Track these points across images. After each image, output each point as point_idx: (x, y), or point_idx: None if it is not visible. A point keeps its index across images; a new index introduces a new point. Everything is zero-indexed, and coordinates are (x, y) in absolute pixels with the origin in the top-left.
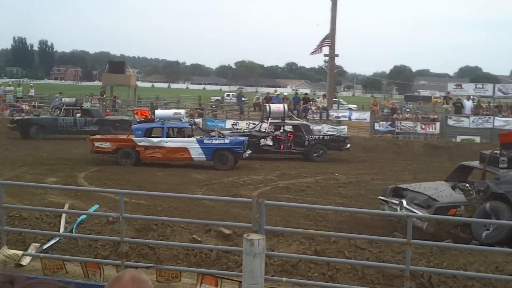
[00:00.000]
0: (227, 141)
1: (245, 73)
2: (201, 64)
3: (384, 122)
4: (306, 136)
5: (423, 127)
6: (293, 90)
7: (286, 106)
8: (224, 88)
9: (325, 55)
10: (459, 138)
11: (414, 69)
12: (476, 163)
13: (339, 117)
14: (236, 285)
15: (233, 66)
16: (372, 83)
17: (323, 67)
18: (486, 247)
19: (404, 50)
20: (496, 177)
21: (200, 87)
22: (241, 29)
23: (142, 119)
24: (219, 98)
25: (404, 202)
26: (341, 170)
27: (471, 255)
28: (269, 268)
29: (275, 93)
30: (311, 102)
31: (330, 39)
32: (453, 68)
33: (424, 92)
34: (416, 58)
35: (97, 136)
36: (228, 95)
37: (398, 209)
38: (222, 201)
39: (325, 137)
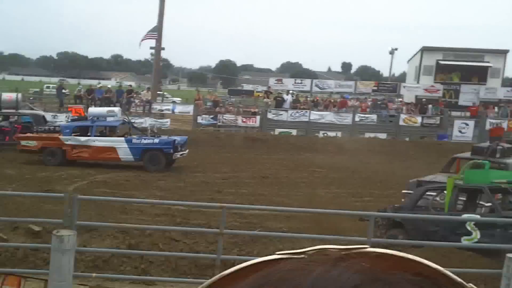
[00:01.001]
0: (156, 141)
1: (68, 64)
2: (20, 54)
3: (207, 116)
4: (35, 128)
5: (244, 120)
6: (117, 82)
7: (19, 95)
8: (45, 79)
9: (151, 47)
10: (277, 131)
11: (239, 64)
12: (467, 155)
13: (162, 110)
14: (43, 283)
15: (55, 57)
16: (197, 77)
17: (149, 59)
18: (293, 234)
19: (230, 45)
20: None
21: (18, 77)
22: (63, 18)
23: (76, 117)
24: (38, 89)
25: None
26: None
27: (280, 242)
28: (80, 264)
29: (98, 86)
30: (134, 94)
31: (157, 31)
32: (275, 63)
33: (247, 87)
34: (241, 54)
35: (24, 135)
36: (48, 87)
37: None
38: (32, 196)
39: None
